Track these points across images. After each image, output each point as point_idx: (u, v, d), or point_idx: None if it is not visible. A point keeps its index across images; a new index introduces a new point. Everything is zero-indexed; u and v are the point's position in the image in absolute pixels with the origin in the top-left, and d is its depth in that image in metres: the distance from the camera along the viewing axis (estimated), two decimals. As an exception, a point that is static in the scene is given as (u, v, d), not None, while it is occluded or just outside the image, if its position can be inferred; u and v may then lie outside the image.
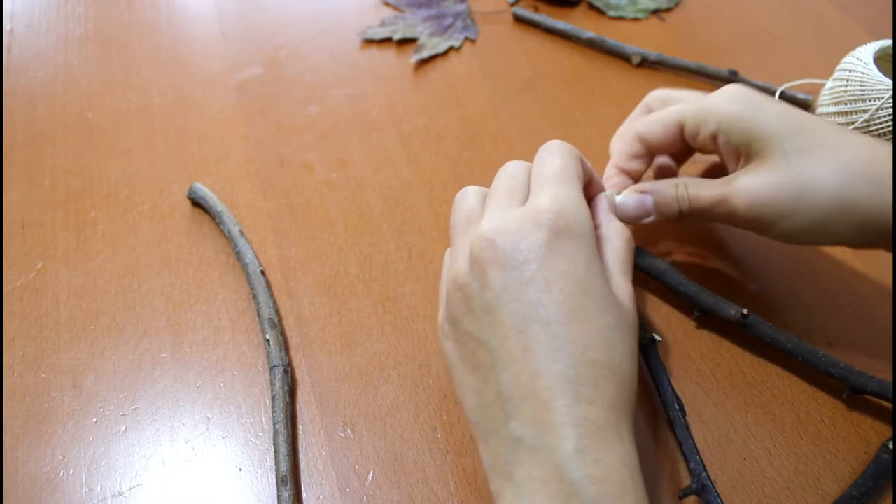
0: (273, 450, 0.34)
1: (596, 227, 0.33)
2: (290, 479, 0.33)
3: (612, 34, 0.57)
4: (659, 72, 0.55)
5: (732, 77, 0.53)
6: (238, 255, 0.42)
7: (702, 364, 0.38)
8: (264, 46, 0.57)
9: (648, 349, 0.37)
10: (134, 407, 0.37)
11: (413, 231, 0.45)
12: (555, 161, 0.32)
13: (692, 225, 0.44)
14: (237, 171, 0.48)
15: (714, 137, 0.36)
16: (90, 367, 0.38)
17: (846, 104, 0.44)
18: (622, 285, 0.31)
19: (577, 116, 0.52)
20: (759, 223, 0.35)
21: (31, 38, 0.58)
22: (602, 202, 0.35)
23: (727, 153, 0.36)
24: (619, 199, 0.37)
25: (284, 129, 0.51)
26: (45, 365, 0.38)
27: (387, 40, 0.58)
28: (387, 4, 0.62)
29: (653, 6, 0.61)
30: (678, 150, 0.39)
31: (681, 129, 0.37)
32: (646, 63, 0.55)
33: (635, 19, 0.60)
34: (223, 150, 0.49)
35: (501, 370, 0.28)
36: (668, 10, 0.61)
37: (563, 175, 0.31)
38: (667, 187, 0.37)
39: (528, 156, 0.49)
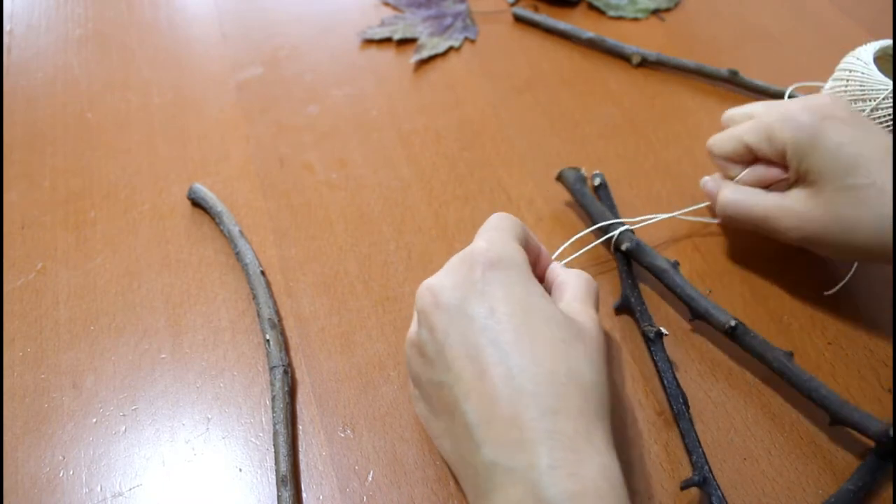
0: (273, 450, 0.34)
1: (551, 281, 0.35)
2: (290, 480, 0.33)
3: (612, 34, 0.57)
4: (659, 72, 0.55)
5: (732, 77, 0.53)
6: (238, 255, 0.42)
7: (702, 364, 0.38)
8: (264, 46, 0.57)
9: (655, 342, 0.37)
10: (134, 407, 0.37)
11: (413, 231, 0.45)
12: (491, 220, 0.34)
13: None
14: (237, 171, 0.48)
15: (776, 157, 0.39)
16: (90, 367, 0.38)
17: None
18: (582, 310, 0.32)
19: (576, 117, 0.52)
20: (800, 244, 0.38)
21: (31, 38, 0.58)
22: (554, 264, 0.37)
23: (792, 172, 0.38)
24: (705, 179, 0.43)
25: (284, 129, 0.51)
26: (45, 365, 0.38)
27: (386, 40, 0.58)
28: (386, 4, 0.62)
29: (653, 6, 0.61)
30: (753, 159, 0.41)
31: (747, 147, 0.39)
32: (645, 63, 0.55)
33: (635, 19, 0.60)
34: (223, 151, 0.49)
35: (464, 401, 0.28)
36: (668, 10, 0.61)
37: (496, 225, 0.33)
38: (724, 190, 0.41)
39: (528, 155, 0.49)
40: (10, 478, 0.34)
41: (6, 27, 0.59)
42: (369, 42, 0.58)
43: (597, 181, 0.46)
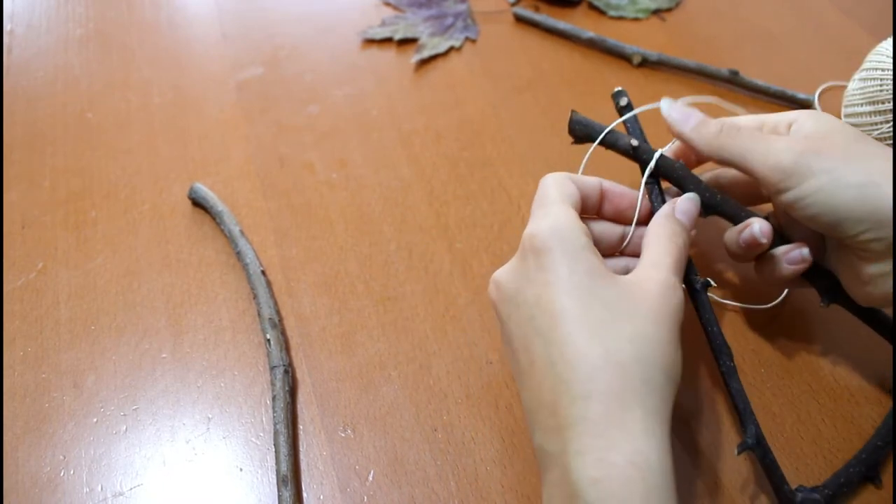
0: (274, 450, 0.35)
1: (638, 237, 0.35)
2: (291, 479, 0.33)
3: (612, 34, 0.57)
4: (659, 72, 0.55)
5: (732, 77, 0.53)
6: (238, 254, 0.42)
7: (701, 364, 0.38)
8: (264, 46, 0.57)
9: (700, 293, 0.35)
10: (134, 407, 0.37)
11: (413, 231, 0.45)
12: (538, 193, 0.34)
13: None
14: (237, 171, 0.48)
15: (789, 126, 0.35)
16: (91, 367, 0.38)
17: (882, 103, 0.44)
18: (651, 276, 0.31)
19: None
20: (798, 171, 0.32)
21: (32, 38, 0.58)
22: (665, 208, 0.35)
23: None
24: (664, 100, 0.38)
25: (284, 129, 0.51)
26: (46, 365, 0.38)
27: (387, 40, 0.58)
28: (387, 4, 0.62)
29: (653, 6, 0.61)
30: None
31: (761, 126, 0.37)
32: (646, 63, 0.55)
33: (636, 19, 0.60)
34: (223, 150, 0.49)
35: (522, 388, 0.30)
36: (668, 10, 0.61)
37: (541, 201, 0.33)
38: (716, 119, 0.37)
39: (528, 155, 0.49)
40: (10, 477, 0.34)
41: (7, 27, 0.59)
42: (370, 42, 0.58)
43: (623, 101, 0.40)
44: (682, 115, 0.37)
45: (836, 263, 0.35)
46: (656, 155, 0.37)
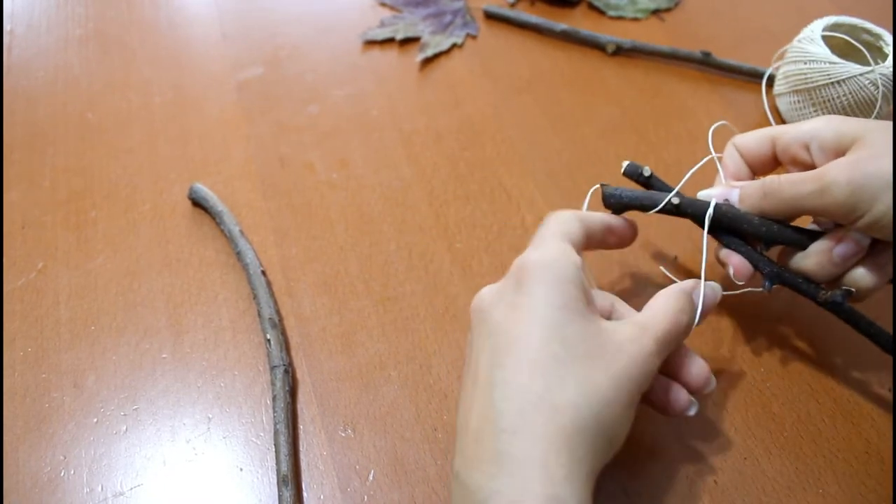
0: (274, 450, 0.35)
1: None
2: (291, 479, 0.33)
3: (612, 34, 0.58)
4: (634, 58, 0.56)
5: (705, 58, 0.55)
6: (239, 254, 0.42)
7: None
8: (265, 46, 0.57)
9: (841, 306, 0.34)
10: (135, 407, 0.37)
11: (413, 231, 0.45)
12: (541, 228, 0.33)
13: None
14: (238, 171, 0.48)
15: (806, 146, 0.34)
16: (91, 367, 0.38)
17: (806, 92, 0.48)
18: (635, 332, 0.29)
19: (577, 117, 0.52)
20: (859, 201, 0.31)
21: (32, 38, 0.58)
22: (687, 283, 0.34)
23: (821, 159, 0.34)
24: (702, 192, 0.37)
25: (285, 129, 0.51)
26: (46, 365, 0.38)
27: (389, 41, 0.58)
28: (383, 5, 0.62)
29: (653, 6, 0.61)
30: (769, 168, 0.38)
31: (773, 144, 0.36)
32: (621, 51, 0.56)
33: (635, 19, 0.60)
34: (224, 150, 0.49)
35: (459, 404, 0.29)
36: (667, 10, 0.61)
37: (545, 233, 0.32)
38: (757, 183, 0.35)
39: (528, 155, 0.49)
40: (10, 477, 0.34)
41: (7, 27, 0.59)
42: (371, 43, 0.58)
43: (646, 172, 0.38)
44: (721, 197, 0.36)
45: None
46: (709, 212, 0.35)
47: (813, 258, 0.34)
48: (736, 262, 0.36)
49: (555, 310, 0.28)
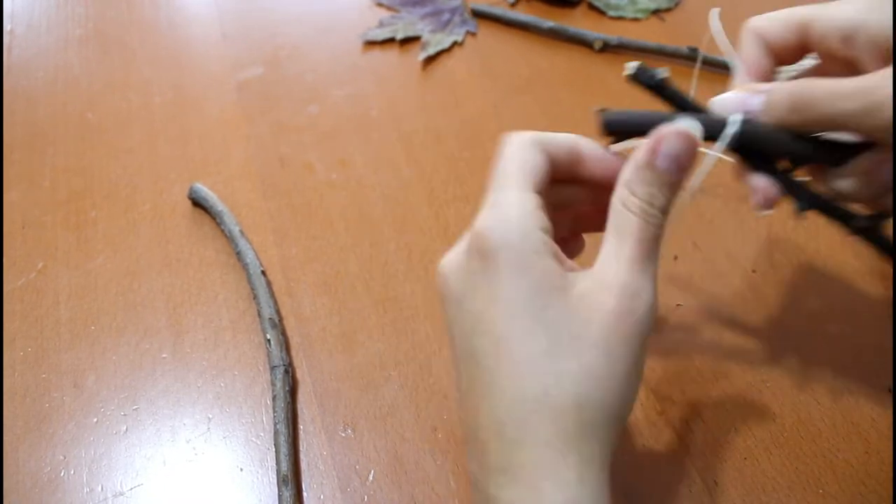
0: (274, 450, 0.35)
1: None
2: (291, 479, 0.33)
3: (612, 35, 0.58)
4: (622, 55, 0.57)
5: (692, 54, 0.55)
6: (239, 255, 0.42)
7: (702, 363, 0.38)
8: (264, 46, 0.57)
9: (876, 233, 0.30)
10: (135, 407, 0.37)
11: (413, 231, 0.45)
12: (497, 162, 0.29)
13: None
14: (238, 171, 0.48)
15: (848, 39, 0.28)
16: (91, 367, 0.38)
17: None
18: (610, 277, 0.26)
19: (576, 116, 0.52)
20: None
21: (32, 38, 0.58)
22: (633, 160, 0.28)
23: (866, 57, 0.28)
24: (716, 99, 0.30)
25: (285, 129, 0.51)
26: (46, 365, 0.38)
27: (389, 41, 0.58)
28: (380, 5, 0.62)
29: (653, 6, 0.61)
30: (797, 58, 0.32)
31: (803, 31, 0.30)
32: (608, 48, 0.57)
33: (635, 19, 0.60)
34: (224, 150, 0.49)
35: (461, 406, 0.27)
36: (667, 10, 0.61)
37: (497, 179, 0.28)
38: (789, 84, 0.29)
39: (529, 156, 0.49)
40: (10, 477, 0.34)
41: (7, 27, 0.59)
42: (371, 44, 0.58)
43: (661, 74, 0.32)
44: (742, 106, 0.29)
45: None
46: (728, 132, 0.28)
47: (855, 178, 0.29)
48: (763, 186, 0.30)
49: (531, 296, 0.25)
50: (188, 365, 0.38)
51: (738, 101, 0.30)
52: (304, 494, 0.34)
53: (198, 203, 0.45)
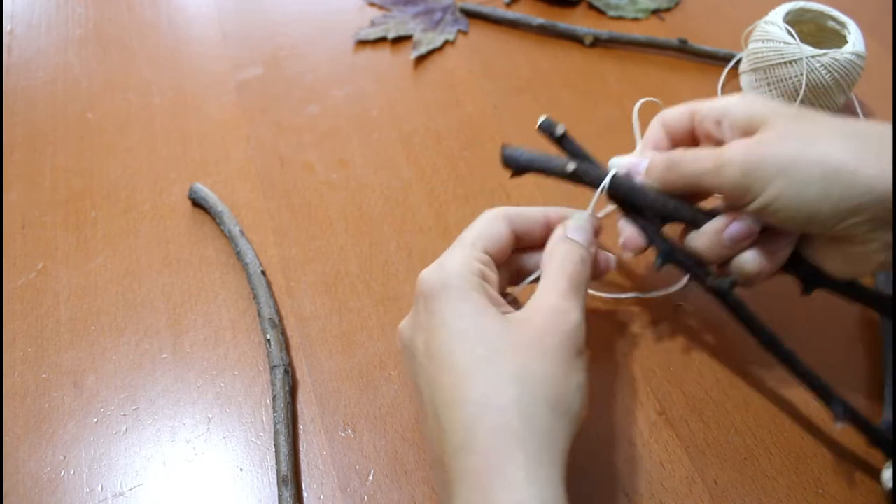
0: (274, 450, 0.35)
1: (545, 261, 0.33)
2: (291, 479, 0.33)
3: (617, 42, 0.58)
4: (612, 49, 0.57)
5: (682, 45, 0.56)
6: (239, 254, 0.42)
7: (702, 364, 0.38)
8: (264, 46, 0.57)
9: (728, 295, 0.34)
10: (135, 407, 0.37)
11: (413, 231, 0.45)
12: (467, 228, 0.33)
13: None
14: (237, 171, 0.48)
15: (719, 122, 0.34)
16: (91, 367, 0.38)
17: (762, 70, 0.49)
18: (541, 301, 0.30)
19: (577, 116, 0.52)
20: (753, 183, 0.31)
21: (32, 38, 0.58)
22: (557, 231, 0.34)
23: (729, 135, 0.34)
24: (613, 159, 0.36)
25: (284, 129, 0.51)
26: (46, 365, 0.38)
27: (381, 40, 0.58)
28: (372, 4, 0.62)
29: (653, 6, 0.61)
30: (689, 143, 0.37)
31: (692, 117, 0.36)
32: (598, 42, 0.57)
33: (635, 19, 0.60)
34: (223, 150, 0.49)
35: (425, 441, 0.30)
36: (667, 10, 0.61)
37: (457, 240, 0.32)
38: (665, 155, 0.35)
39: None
40: (10, 477, 0.34)
41: (7, 27, 0.59)
42: (363, 43, 0.58)
43: (559, 130, 0.36)
44: (631, 167, 0.36)
45: (817, 250, 0.33)
46: (605, 182, 0.34)
47: (705, 237, 0.34)
48: (628, 233, 0.36)
49: (468, 319, 0.28)
50: (188, 365, 0.38)
51: (629, 162, 0.36)
52: (304, 494, 0.34)
53: (198, 203, 0.45)
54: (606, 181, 0.34)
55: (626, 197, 0.35)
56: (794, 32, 0.48)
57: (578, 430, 0.28)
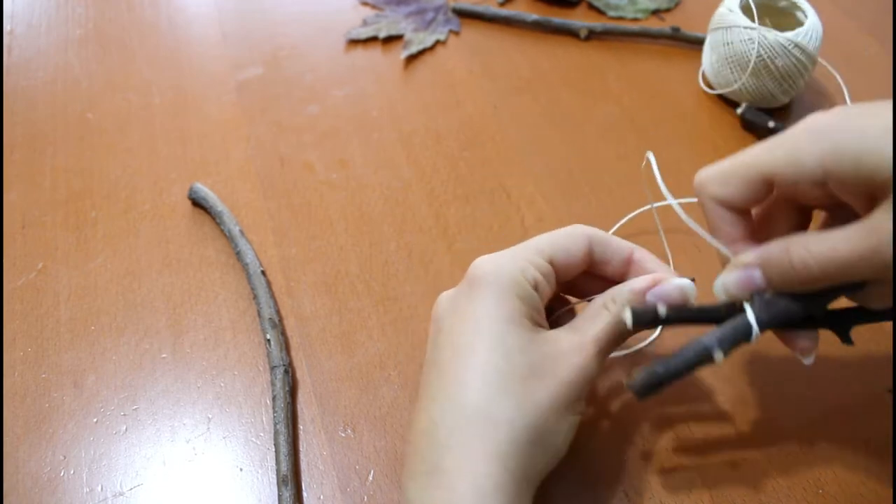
0: (274, 450, 0.35)
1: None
2: (291, 479, 0.33)
3: (612, 34, 0.58)
4: (607, 41, 0.58)
5: (675, 34, 0.57)
6: (238, 254, 0.42)
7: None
8: (264, 46, 0.57)
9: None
10: (135, 407, 0.37)
11: (413, 231, 0.45)
12: (551, 232, 0.32)
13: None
14: (237, 171, 0.48)
15: (821, 184, 0.26)
16: (91, 367, 0.38)
17: (729, 59, 0.50)
18: (573, 339, 0.29)
19: (577, 116, 0.52)
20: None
21: (32, 38, 0.58)
22: (636, 281, 0.30)
23: (848, 198, 0.26)
24: (717, 282, 0.29)
25: (284, 129, 0.51)
26: (46, 365, 0.38)
27: (372, 39, 0.58)
28: (365, 4, 0.62)
29: (652, 6, 0.61)
30: (761, 213, 0.31)
31: (769, 184, 0.28)
32: (593, 35, 0.58)
33: (635, 19, 0.60)
34: (223, 150, 0.49)
35: (413, 412, 0.30)
36: (667, 10, 0.61)
37: (531, 241, 0.32)
38: (778, 252, 0.27)
39: (528, 155, 0.49)
40: (10, 477, 0.34)
41: (7, 27, 0.59)
42: (355, 42, 0.58)
43: (662, 313, 0.29)
44: (742, 284, 0.28)
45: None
46: (755, 333, 0.28)
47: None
48: (802, 345, 0.31)
49: (499, 322, 0.28)
50: (188, 365, 0.38)
51: (739, 280, 0.28)
52: (304, 494, 0.34)
53: (198, 203, 0.45)
54: (755, 329, 0.27)
55: (781, 322, 0.28)
56: (753, 10, 0.49)
57: (555, 467, 0.29)
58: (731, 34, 0.49)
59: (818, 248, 0.26)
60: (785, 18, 0.52)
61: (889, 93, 0.54)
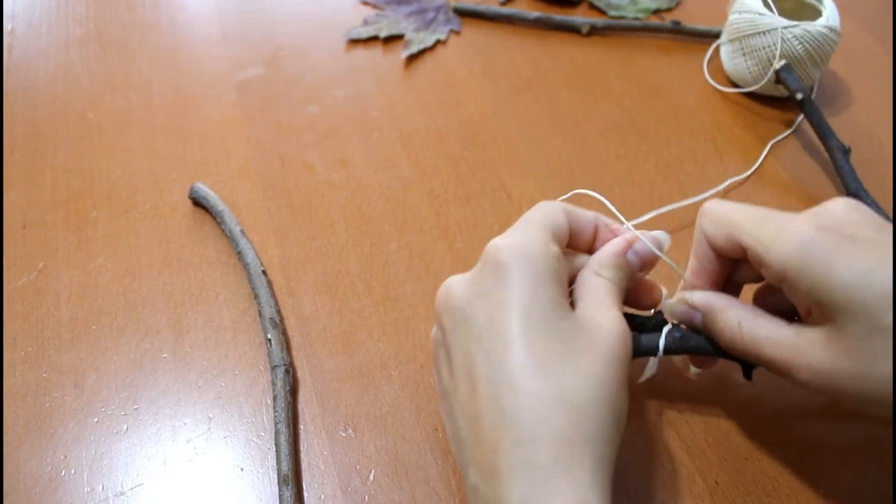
0: (275, 449, 0.35)
1: (585, 281, 0.31)
2: (292, 479, 0.33)
3: (613, 30, 0.58)
4: (609, 36, 0.59)
5: (675, 27, 0.57)
6: (239, 254, 0.42)
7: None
8: (264, 46, 0.57)
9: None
10: (135, 406, 0.37)
11: (414, 231, 0.45)
12: (529, 211, 0.31)
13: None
14: (238, 170, 0.48)
15: (780, 281, 0.28)
16: (91, 366, 0.38)
17: (739, 41, 0.51)
18: (601, 313, 0.29)
19: (577, 116, 0.52)
20: (820, 393, 0.28)
21: (32, 37, 0.58)
22: (613, 244, 0.32)
23: (794, 300, 0.29)
24: (667, 303, 0.33)
25: (285, 129, 0.51)
26: (47, 365, 0.38)
27: (373, 39, 0.58)
28: (366, 3, 0.62)
29: (653, 6, 0.61)
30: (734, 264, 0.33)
31: (738, 246, 0.30)
32: (595, 31, 0.58)
33: (636, 19, 0.60)
34: (224, 150, 0.49)
35: (459, 416, 0.28)
36: (668, 10, 0.61)
37: (526, 220, 0.30)
38: (724, 316, 0.30)
39: (528, 155, 0.49)
40: (11, 477, 0.34)
41: (7, 27, 0.59)
42: (355, 42, 0.58)
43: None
44: (684, 318, 0.32)
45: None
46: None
47: None
48: (699, 360, 0.35)
49: (544, 306, 0.27)
50: (189, 364, 0.38)
51: (684, 316, 0.32)
52: (305, 494, 0.34)
53: (198, 203, 0.45)
54: (660, 352, 0.32)
55: (687, 351, 0.33)
56: (771, 4, 0.49)
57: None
58: (755, 34, 0.49)
59: (748, 331, 0.29)
60: (798, 6, 0.52)
61: (889, 93, 0.54)
